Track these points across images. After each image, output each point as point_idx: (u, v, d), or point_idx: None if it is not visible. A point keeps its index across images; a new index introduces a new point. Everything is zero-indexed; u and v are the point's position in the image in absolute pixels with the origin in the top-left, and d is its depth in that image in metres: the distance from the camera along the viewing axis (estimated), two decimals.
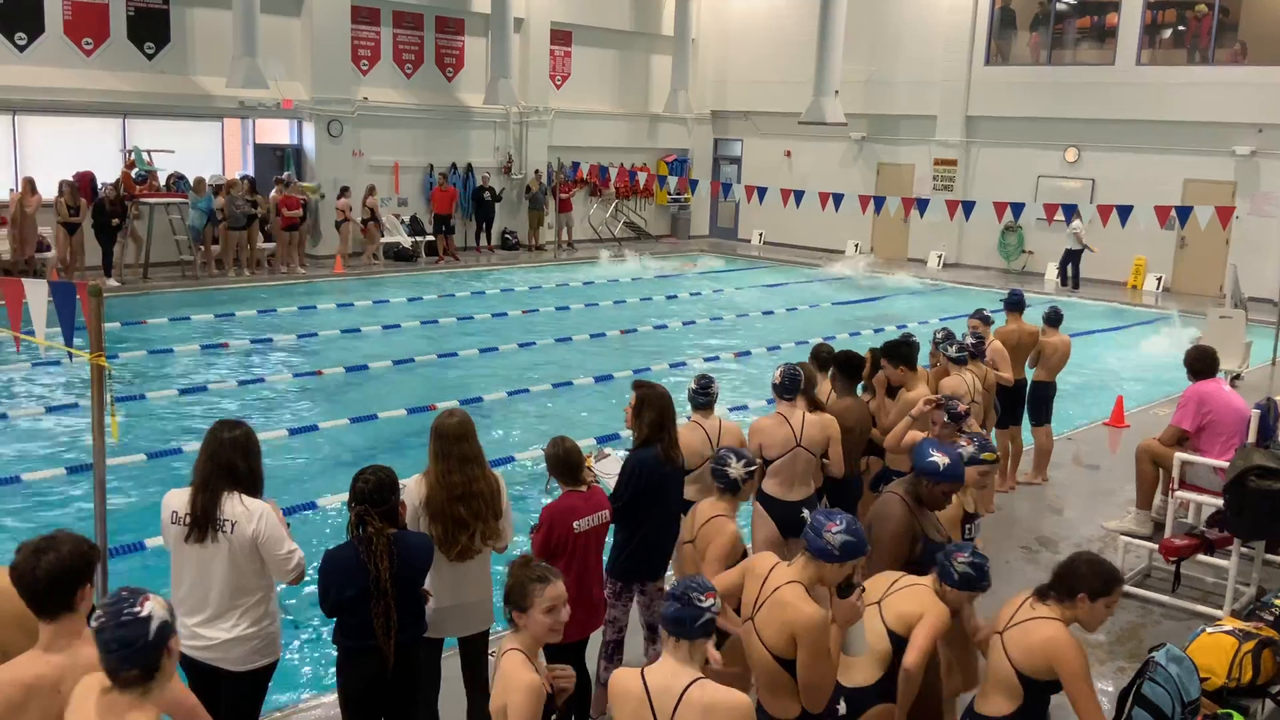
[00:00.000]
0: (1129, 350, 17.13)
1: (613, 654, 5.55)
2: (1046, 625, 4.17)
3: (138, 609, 2.82)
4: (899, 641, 4.45)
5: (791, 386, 6.39)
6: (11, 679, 3.15)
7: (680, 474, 5.68)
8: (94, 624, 2.83)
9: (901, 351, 7.24)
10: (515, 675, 3.54)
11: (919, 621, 4.41)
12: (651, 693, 3.43)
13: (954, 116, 25.31)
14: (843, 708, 4.40)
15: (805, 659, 3.99)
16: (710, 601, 3.45)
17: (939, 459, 5.00)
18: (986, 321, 9.31)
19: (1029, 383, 9.75)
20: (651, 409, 5.50)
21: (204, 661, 4.36)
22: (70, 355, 5.04)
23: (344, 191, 21.35)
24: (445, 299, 18.83)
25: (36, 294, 5.02)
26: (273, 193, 20.22)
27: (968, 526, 5.52)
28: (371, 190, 21.74)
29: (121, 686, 2.82)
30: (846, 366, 7.01)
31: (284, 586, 4.66)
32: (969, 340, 8.23)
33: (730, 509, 5.10)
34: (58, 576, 3.19)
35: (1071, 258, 23.13)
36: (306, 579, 4.57)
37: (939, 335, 8.22)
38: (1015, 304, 9.88)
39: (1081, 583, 4.20)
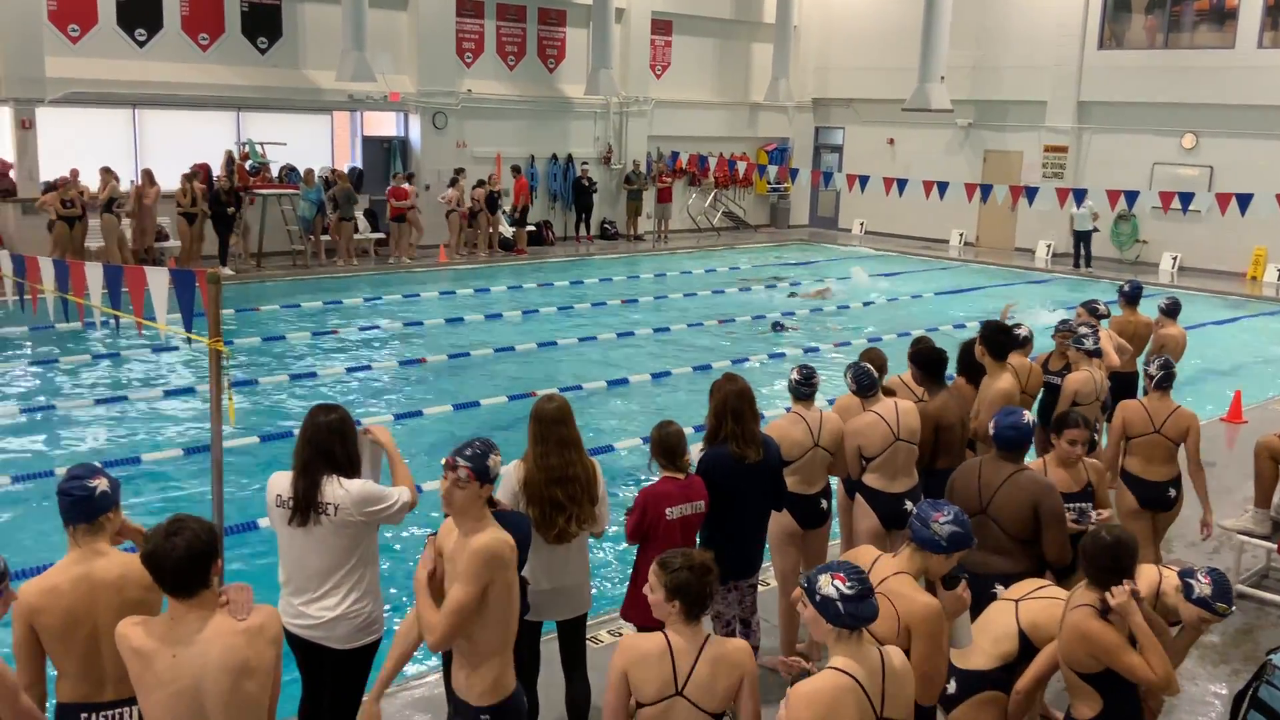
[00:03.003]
0: (1247, 343, 16.50)
1: None
2: (1075, 613, 4.11)
3: (492, 456, 3.96)
4: (1027, 644, 4.42)
5: (871, 384, 6.34)
6: (127, 635, 3.38)
7: (761, 469, 5.43)
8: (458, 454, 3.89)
9: (993, 338, 7.03)
10: (734, 647, 3.73)
11: (1049, 643, 4.35)
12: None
13: (1065, 102, 24.60)
14: (952, 686, 4.37)
15: (923, 650, 3.95)
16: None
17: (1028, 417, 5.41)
18: (1095, 314, 9.02)
19: (1142, 376, 9.46)
20: (713, 401, 5.43)
21: (309, 640, 4.47)
22: (190, 340, 5.24)
23: (455, 179, 21.67)
24: (545, 288, 19.01)
25: (158, 281, 5.23)
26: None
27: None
28: (479, 182, 22.06)
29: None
30: (930, 364, 6.74)
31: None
32: (1083, 330, 8.01)
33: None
34: (196, 554, 3.32)
35: (1083, 238, 22.62)
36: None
37: (1067, 325, 8.09)
38: (1133, 296, 9.59)
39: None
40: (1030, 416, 5.45)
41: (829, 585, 3.40)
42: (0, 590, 3.38)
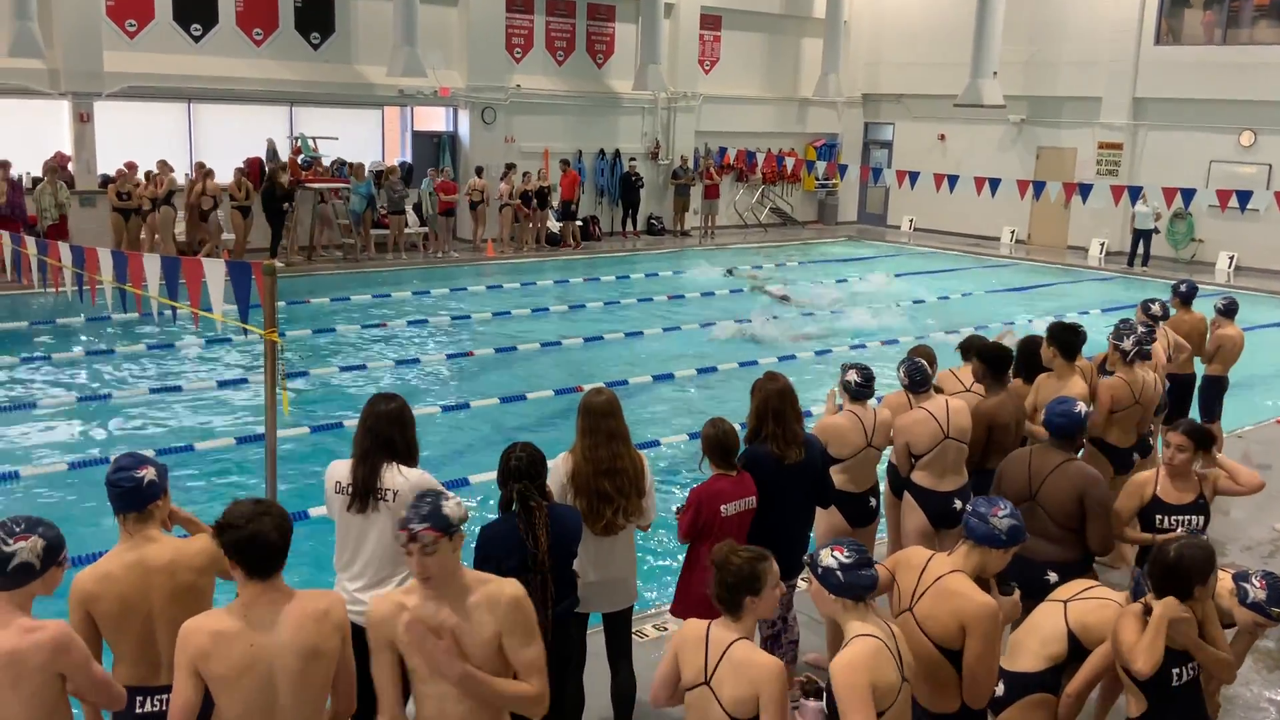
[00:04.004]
0: None
1: (771, 648, 5.55)
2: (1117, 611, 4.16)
3: (446, 502, 3.42)
4: (1076, 645, 4.38)
5: (924, 380, 6.29)
6: (202, 627, 3.38)
7: (803, 469, 5.38)
8: (412, 521, 3.34)
9: (1064, 338, 6.93)
10: (760, 661, 3.58)
11: (1100, 644, 4.31)
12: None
13: (1120, 98, 24.21)
14: (1000, 689, 4.34)
15: (977, 649, 3.94)
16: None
17: (1081, 407, 5.42)
18: (1151, 314, 8.83)
19: (1199, 377, 9.33)
20: (755, 400, 5.39)
21: (364, 625, 4.52)
22: (245, 331, 5.31)
23: (505, 173, 21.74)
24: (591, 283, 19.06)
25: (215, 273, 5.31)
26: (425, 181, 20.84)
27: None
28: (527, 175, 22.11)
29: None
30: (996, 361, 6.65)
31: None
32: (1142, 331, 7.87)
33: None
34: (285, 534, 3.40)
35: (1143, 236, 22.33)
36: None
37: (1128, 325, 8.01)
38: (1188, 295, 9.46)
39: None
40: (1084, 407, 5.44)
41: (829, 557, 3.58)
42: (60, 560, 3.46)
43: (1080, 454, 5.83)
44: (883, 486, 6.61)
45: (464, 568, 3.48)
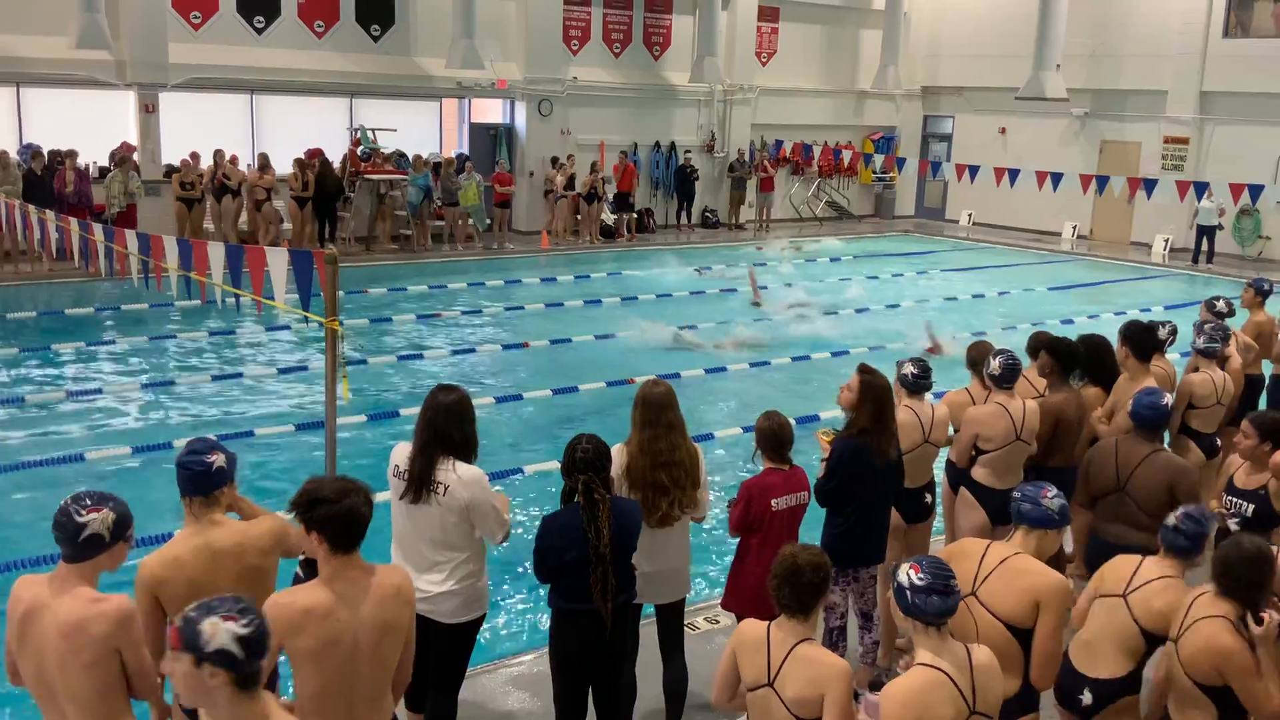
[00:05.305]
0: None
1: (836, 641, 5.52)
2: (1210, 624, 3.96)
3: (209, 620, 2.66)
4: (1149, 635, 4.28)
5: (1011, 376, 6.17)
6: (291, 602, 3.44)
7: (894, 465, 5.52)
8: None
9: (1139, 338, 6.81)
10: (827, 660, 3.61)
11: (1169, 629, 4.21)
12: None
13: (1187, 92, 23.70)
14: (1087, 698, 4.31)
15: (1050, 625, 3.98)
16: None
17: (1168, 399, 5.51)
18: (1215, 311, 8.61)
19: (1267, 377, 9.12)
20: (873, 400, 5.37)
21: (416, 613, 4.56)
22: (306, 319, 5.38)
23: (564, 164, 21.78)
24: (645, 276, 19.03)
25: (277, 262, 5.38)
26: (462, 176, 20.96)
27: None
28: (593, 167, 22.14)
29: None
30: (1067, 358, 6.55)
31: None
32: (1209, 329, 7.71)
33: None
34: (372, 511, 3.49)
35: (1207, 233, 21.85)
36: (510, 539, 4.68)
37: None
38: (1269, 293, 9.27)
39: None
40: (1169, 399, 5.40)
41: (904, 574, 3.44)
42: (126, 536, 3.53)
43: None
44: (941, 481, 6.55)
45: (268, 704, 2.72)
